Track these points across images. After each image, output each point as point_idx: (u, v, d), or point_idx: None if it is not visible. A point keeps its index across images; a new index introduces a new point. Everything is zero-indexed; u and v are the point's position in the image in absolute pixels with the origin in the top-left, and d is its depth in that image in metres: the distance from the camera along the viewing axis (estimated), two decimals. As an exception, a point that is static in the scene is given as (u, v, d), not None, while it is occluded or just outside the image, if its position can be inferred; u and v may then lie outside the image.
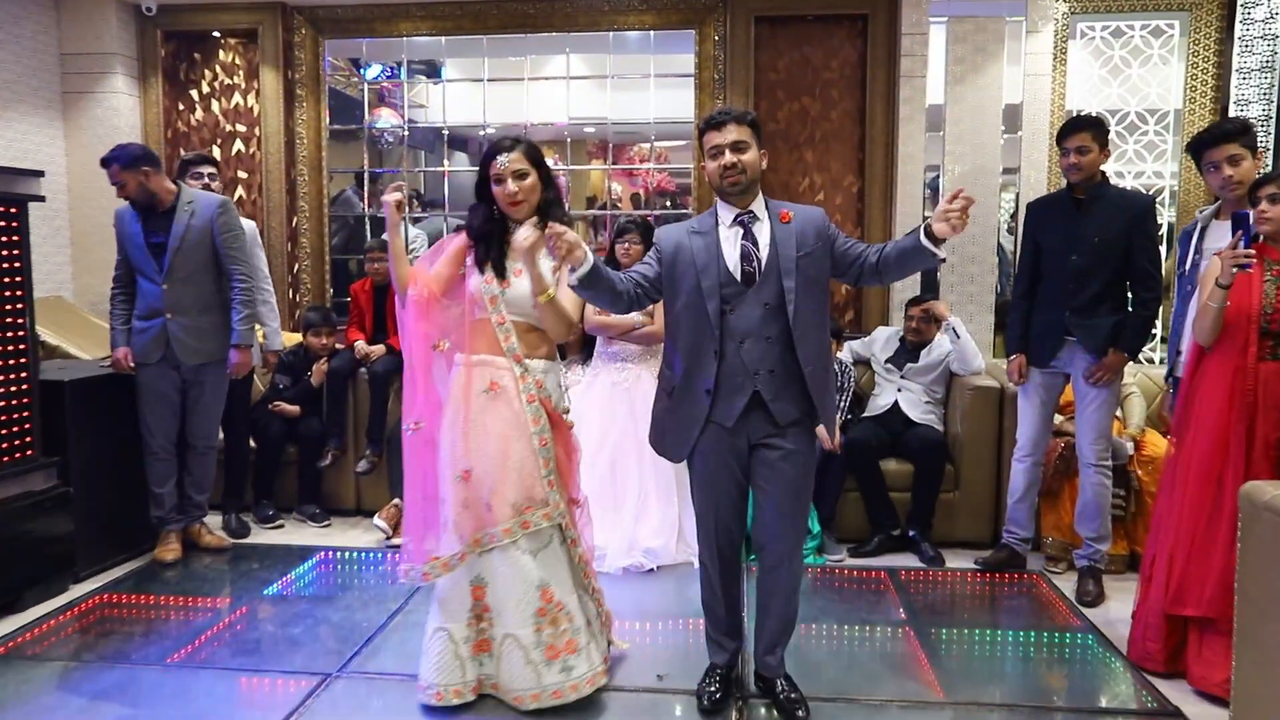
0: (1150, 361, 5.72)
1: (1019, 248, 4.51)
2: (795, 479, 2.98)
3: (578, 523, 3.21)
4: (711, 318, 2.91)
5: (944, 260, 2.79)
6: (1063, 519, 4.54)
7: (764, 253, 2.92)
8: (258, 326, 5.04)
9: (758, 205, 2.99)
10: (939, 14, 5.72)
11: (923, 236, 2.74)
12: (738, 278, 2.91)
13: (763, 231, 2.95)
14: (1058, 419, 4.70)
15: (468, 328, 3.08)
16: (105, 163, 4.49)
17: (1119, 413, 4.64)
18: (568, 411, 3.17)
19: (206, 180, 4.99)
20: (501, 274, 3.04)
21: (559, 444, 3.12)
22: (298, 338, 5.70)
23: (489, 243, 3.07)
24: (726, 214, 2.99)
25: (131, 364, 4.57)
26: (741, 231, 2.95)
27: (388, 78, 6.74)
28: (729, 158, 2.91)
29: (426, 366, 3.12)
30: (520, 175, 3.02)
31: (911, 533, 4.76)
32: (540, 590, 3.03)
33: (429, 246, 4.14)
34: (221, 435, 4.96)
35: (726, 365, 2.92)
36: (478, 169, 3.11)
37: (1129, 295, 4.14)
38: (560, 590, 3.06)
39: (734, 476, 3.03)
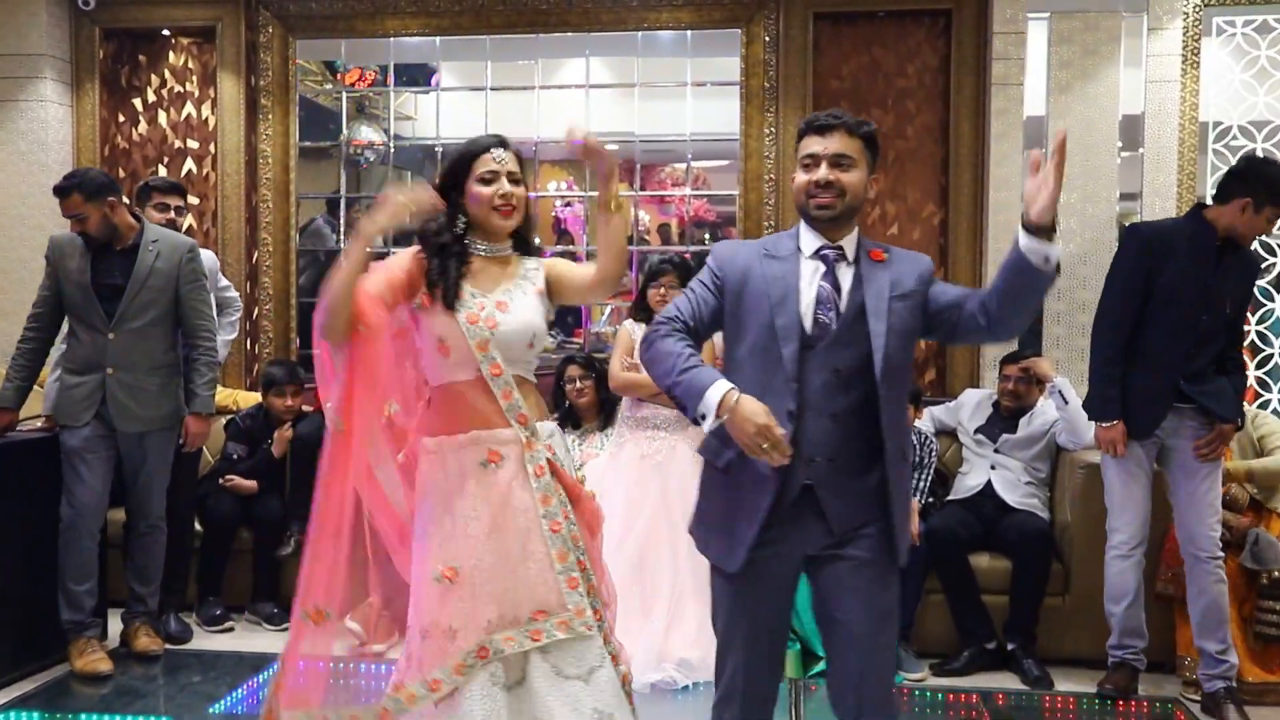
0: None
1: (1119, 283, 4.33)
2: (877, 598, 2.70)
3: (614, 630, 2.95)
4: (788, 365, 2.65)
5: (1055, 272, 2.52)
6: (1204, 632, 4.42)
7: (845, 302, 2.70)
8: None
9: (849, 241, 2.76)
10: (1039, 9, 5.72)
11: (1022, 237, 2.51)
12: (806, 328, 2.68)
13: (847, 277, 2.73)
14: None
15: (426, 400, 2.87)
16: (62, 191, 4.54)
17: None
18: (583, 482, 3.06)
19: (173, 214, 5.04)
20: (451, 304, 2.79)
21: (585, 528, 2.89)
22: (256, 398, 5.69)
23: (445, 259, 2.85)
24: (809, 242, 2.77)
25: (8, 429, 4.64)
26: (823, 269, 2.73)
27: (369, 85, 6.79)
28: (824, 173, 2.69)
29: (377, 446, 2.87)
30: (515, 180, 2.89)
31: (1010, 646, 4.69)
32: None
33: None
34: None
35: None
36: (446, 166, 2.95)
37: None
38: None
39: (779, 608, 2.80)
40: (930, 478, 4.98)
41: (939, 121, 6.02)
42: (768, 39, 6.10)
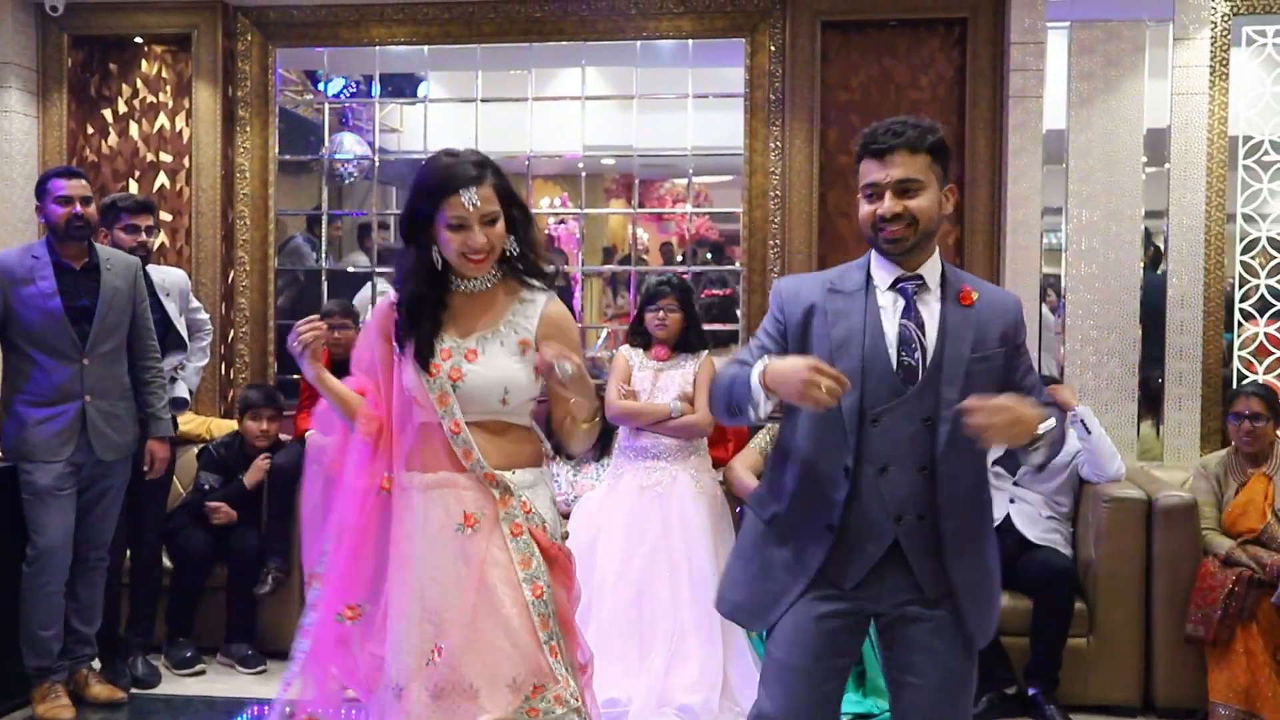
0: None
1: None
2: (955, 668, 2.64)
3: (586, 700, 2.82)
4: (847, 421, 2.57)
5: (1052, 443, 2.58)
6: (1238, 678, 4.42)
7: (931, 340, 2.61)
8: (185, 365, 5.22)
9: (930, 268, 2.67)
10: (1059, 18, 5.73)
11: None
12: (894, 370, 2.60)
13: (931, 309, 2.65)
14: (1225, 542, 4.67)
15: (411, 433, 2.79)
16: (74, 173, 4.61)
17: None
18: (566, 537, 2.92)
19: (144, 236, 5.01)
20: (426, 361, 2.74)
21: (560, 590, 2.79)
22: (231, 425, 5.67)
23: (418, 310, 2.77)
24: (883, 274, 2.67)
25: None
26: (903, 304, 2.63)
27: (352, 95, 6.81)
28: (889, 205, 2.57)
29: (369, 522, 2.84)
30: (490, 220, 2.70)
31: (1031, 691, 4.66)
32: None
33: None
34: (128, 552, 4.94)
35: (859, 500, 2.59)
36: (412, 198, 2.76)
37: None
38: None
39: (834, 665, 2.69)
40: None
41: (954, 136, 6.00)
42: (773, 49, 6.11)
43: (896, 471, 2.58)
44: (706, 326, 5.37)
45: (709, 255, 6.71)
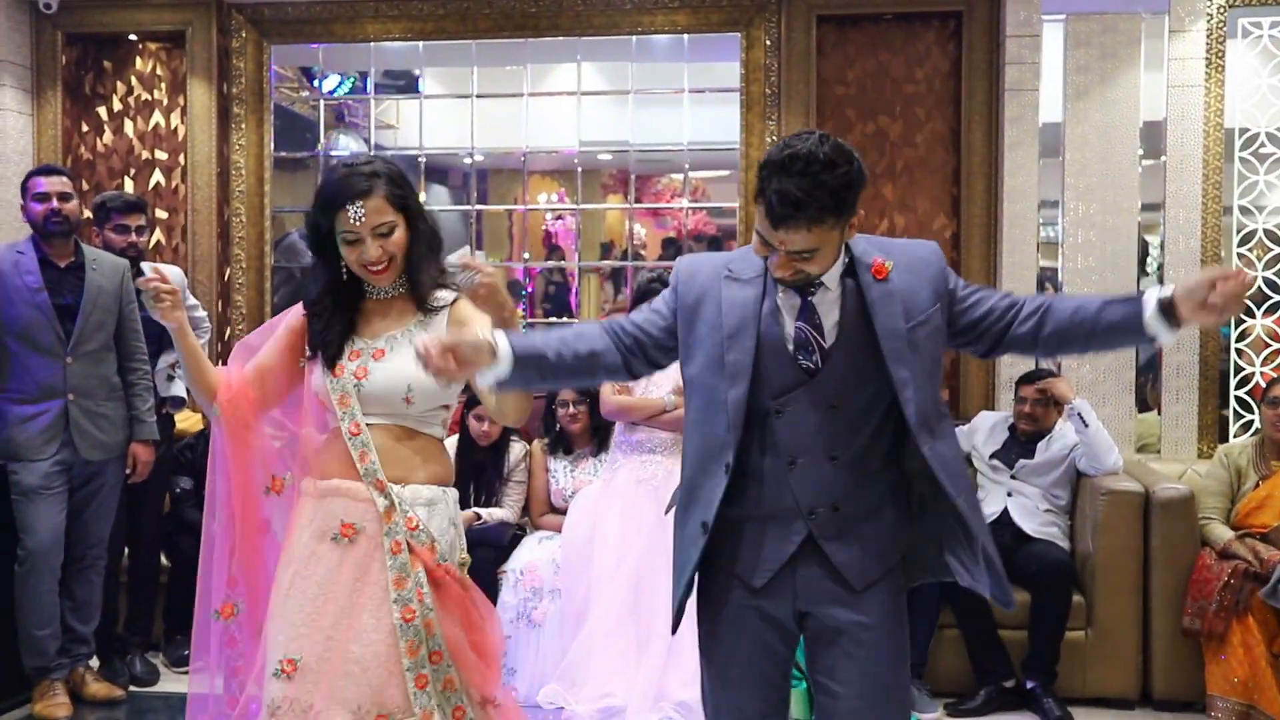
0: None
1: None
2: (882, 670, 2.51)
3: None
4: (730, 410, 2.47)
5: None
6: (1235, 671, 4.43)
7: (830, 335, 2.48)
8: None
9: (831, 273, 2.50)
10: (1054, 10, 5.74)
11: (1151, 313, 2.35)
12: (793, 364, 2.49)
13: (829, 303, 2.50)
14: (1223, 534, 4.68)
15: (320, 441, 2.81)
16: (54, 171, 4.63)
17: None
18: (465, 565, 2.81)
19: (134, 236, 4.99)
20: (333, 362, 2.75)
21: (449, 617, 2.73)
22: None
23: (328, 316, 2.78)
24: None
25: None
26: (798, 303, 2.50)
27: (349, 92, 6.80)
28: (781, 266, 2.44)
29: (255, 521, 2.87)
30: (385, 231, 2.70)
31: (1030, 684, 4.67)
32: None
33: None
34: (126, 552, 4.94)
35: (766, 495, 2.51)
36: (311, 211, 2.78)
37: None
38: None
39: (769, 668, 2.60)
40: (943, 506, 4.96)
41: (950, 129, 6.02)
42: (769, 43, 6.10)
43: (806, 463, 2.49)
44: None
45: (706, 249, 6.70)
